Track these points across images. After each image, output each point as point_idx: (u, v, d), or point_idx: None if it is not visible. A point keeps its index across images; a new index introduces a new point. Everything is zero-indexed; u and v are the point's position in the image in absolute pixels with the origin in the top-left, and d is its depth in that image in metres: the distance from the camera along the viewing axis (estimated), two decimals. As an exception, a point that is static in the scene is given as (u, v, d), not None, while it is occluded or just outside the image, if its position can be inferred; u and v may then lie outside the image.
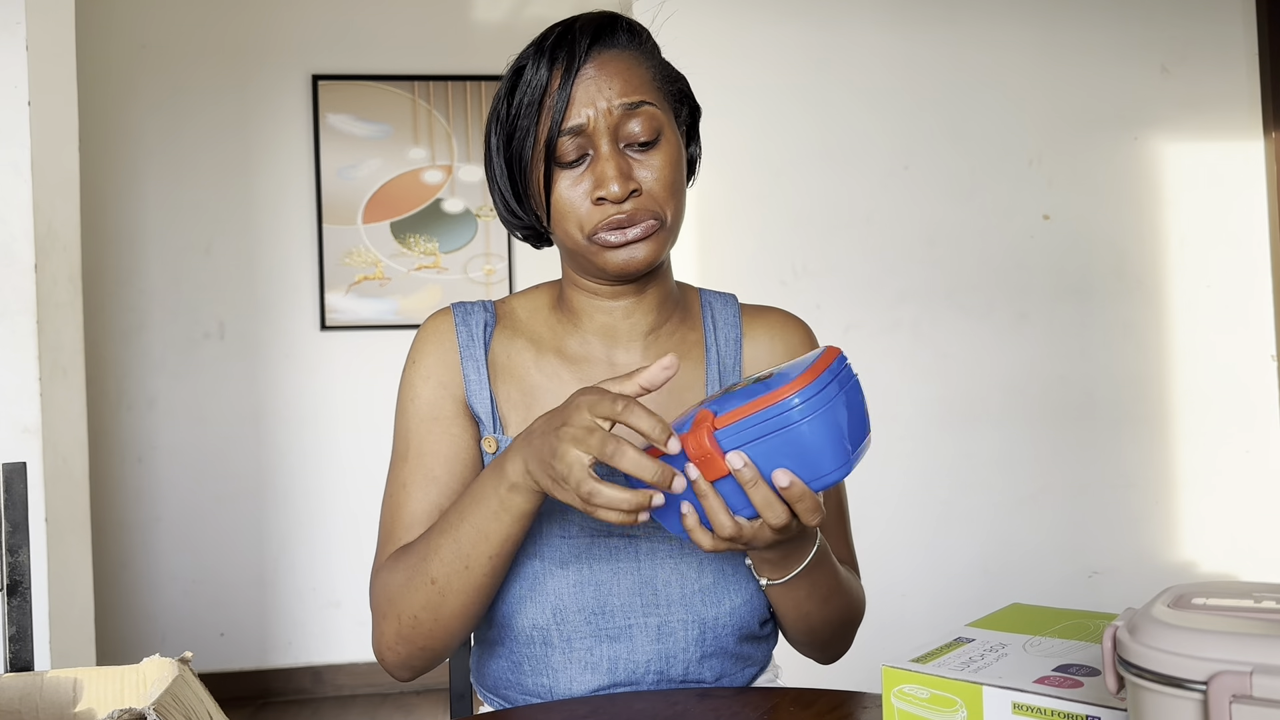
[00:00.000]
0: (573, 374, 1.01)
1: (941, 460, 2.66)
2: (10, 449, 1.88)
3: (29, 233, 1.91)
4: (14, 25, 1.91)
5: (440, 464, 0.98)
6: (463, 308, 1.03)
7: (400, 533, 0.97)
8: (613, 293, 0.99)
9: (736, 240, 2.58)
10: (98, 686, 0.77)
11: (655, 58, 0.98)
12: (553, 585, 0.95)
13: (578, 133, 0.91)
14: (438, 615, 0.90)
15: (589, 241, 0.92)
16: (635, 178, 0.91)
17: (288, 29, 3.37)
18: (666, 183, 0.93)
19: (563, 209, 0.93)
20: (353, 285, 3.37)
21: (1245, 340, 2.74)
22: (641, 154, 0.92)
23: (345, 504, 3.34)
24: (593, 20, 0.94)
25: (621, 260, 0.92)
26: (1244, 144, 2.75)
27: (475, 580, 0.88)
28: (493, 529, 0.86)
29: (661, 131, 0.93)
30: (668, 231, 0.94)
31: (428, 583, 0.89)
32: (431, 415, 0.99)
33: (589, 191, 0.91)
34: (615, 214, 0.91)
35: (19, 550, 1.08)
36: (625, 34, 0.96)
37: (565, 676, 0.96)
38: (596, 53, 0.93)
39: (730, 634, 0.98)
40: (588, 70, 0.92)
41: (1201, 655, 0.48)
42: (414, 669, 0.96)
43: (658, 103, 0.94)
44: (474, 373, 1.00)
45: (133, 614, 3.28)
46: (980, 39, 2.67)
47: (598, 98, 0.91)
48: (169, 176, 3.33)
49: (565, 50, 0.92)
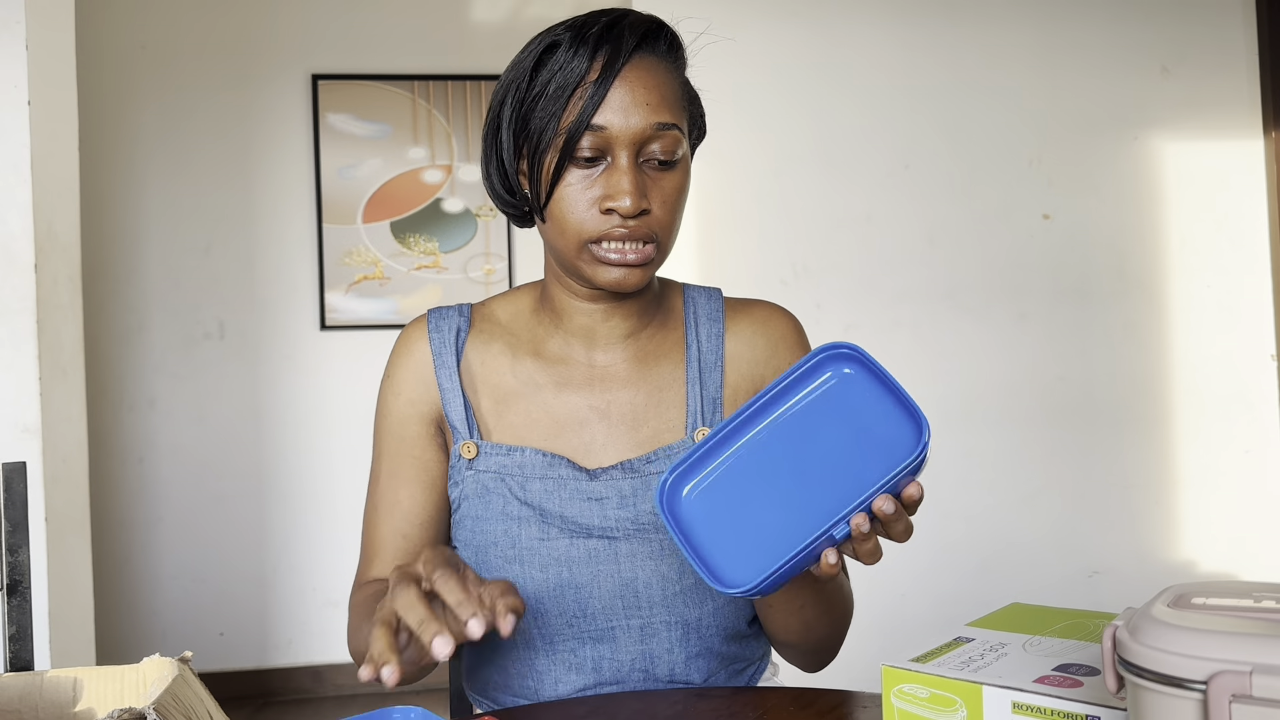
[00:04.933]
0: (550, 375, 1.00)
1: (941, 460, 2.65)
2: (10, 449, 1.88)
3: (29, 233, 1.91)
4: (14, 25, 1.91)
5: (404, 487, 1.01)
6: (437, 314, 1.04)
7: (370, 555, 1.02)
8: (593, 295, 0.98)
9: (736, 240, 2.58)
10: (98, 686, 0.77)
11: (683, 74, 0.97)
12: (532, 589, 0.94)
13: (603, 134, 0.88)
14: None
15: (585, 247, 0.91)
16: (648, 196, 0.90)
17: (288, 29, 3.37)
18: (673, 207, 0.92)
19: (565, 207, 0.91)
20: (353, 285, 3.37)
21: (1245, 340, 2.74)
22: (657, 173, 0.91)
23: (345, 503, 3.33)
24: (642, 21, 0.92)
25: (613, 279, 0.91)
26: (1244, 144, 2.75)
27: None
28: None
29: (679, 155, 0.92)
30: (661, 254, 0.93)
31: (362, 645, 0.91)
32: (399, 435, 1.02)
33: (598, 198, 0.89)
34: (619, 227, 0.89)
35: (19, 550, 1.08)
36: (666, 44, 0.94)
37: (550, 678, 0.96)
38: (639, 57, 0.90)
39: (715, 634, 0.97)
40: (629, 73, 0.89)
41: (1201, 655, 0.48)
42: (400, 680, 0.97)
43: (682, 125, 0.93)
44: (447, 380, 1.00)
45: (133, 614, 3.28)
46: (980, 39, 2.67)
47: (633, 107, 0.89)
48: (169, 176, 3.33)
49: (610, 45, 0.89)
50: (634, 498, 0.96)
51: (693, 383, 1.01)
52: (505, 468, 0.98)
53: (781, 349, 1.05)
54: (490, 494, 0.97)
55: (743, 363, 1.03)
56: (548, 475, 0.97)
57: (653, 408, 1.00)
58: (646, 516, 0.96)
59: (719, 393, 1.01)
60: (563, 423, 0.99)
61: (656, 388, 1.01)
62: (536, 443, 0.99)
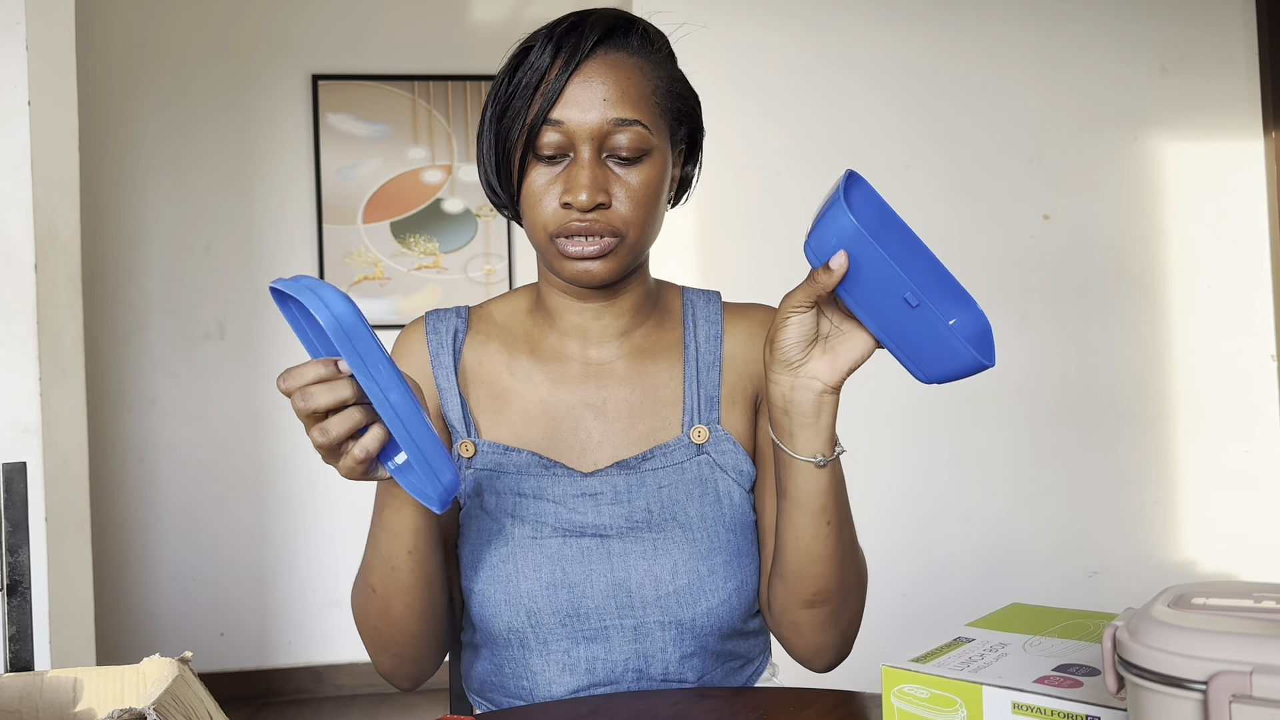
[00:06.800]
0: (546, 374, 1.01)
1: (942, 460, 2.66)
2: (10, 449, 1.88)
3: (29, 233, 1.91)
4: (14, 25, 1.91)
5: None
6: (435, 316, 1.04)
7: None
8: (582, 294, 0.99)
9: (736, 240, 2.58)
10: (98, 686, 0.77)
11: (665, 69, 0.96)
12: (525, 588, 0.94)
13: (560, 129, 0.90)
14: (389, 620, 0.92)
15: (551, 241, 0.92)
16: (608, 190, 0.91)
17: (288, 29, 3.37)
18: (638, 201, 0.92)
19: (530, 201, 0.93)
20: (353, 285, 3.37)
21: (1245, 340, 2.74)
22: (621, 168, 0.92)
23: (345, 504, 3.33)
24: (606, 17, 0.93)
25: (576, 271, 0.93)
26: (1244, 144, 2.75)
27: (405, 579, 0.90)
28: (395, 524, 0.88)
29: (648, 150, 0.92)
30: (628, 249, 0.93)
31: (371, 592, 0.92)
32: None
33: (559, 193, 0.91)
34: (576, 221, 0.90)
35: (19, 550, 1.08)
36: (638, 38, 0.94)
37: (544, 678, 0.96)
38: (602, 52, 0.91)
39: (711, 634, 0.96)
40: (588, 69, 0.90)
41: (1201, 655, 0.48)
42: (407, 677, 0.98)
43: (650, 121, 0.92)
44: (445, 381, 1.01)
45: (133, 614, 3.28)
46: (980, 39, 2.67)
47: (591, 101, 0.90)
48: (169, 176, 3.33)
49: (571, 41, 0.90)
50: (628, 494, 0.96)
51: (690, 381, 1.01)
52: (502, 466, 0.98)
53: None
54: (486, 492, 0.98)
55: (740, 363, 1.03)
56: (543, 473, 0.97)
57: (649, 405, 1.00)
58: (640, 514, 0.96)
59: (716, 391, 1.01)
60: (559, 419, 0.99)
61: (653, 386, 1.01)
62: (533, 440, 0.99)
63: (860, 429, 2.57)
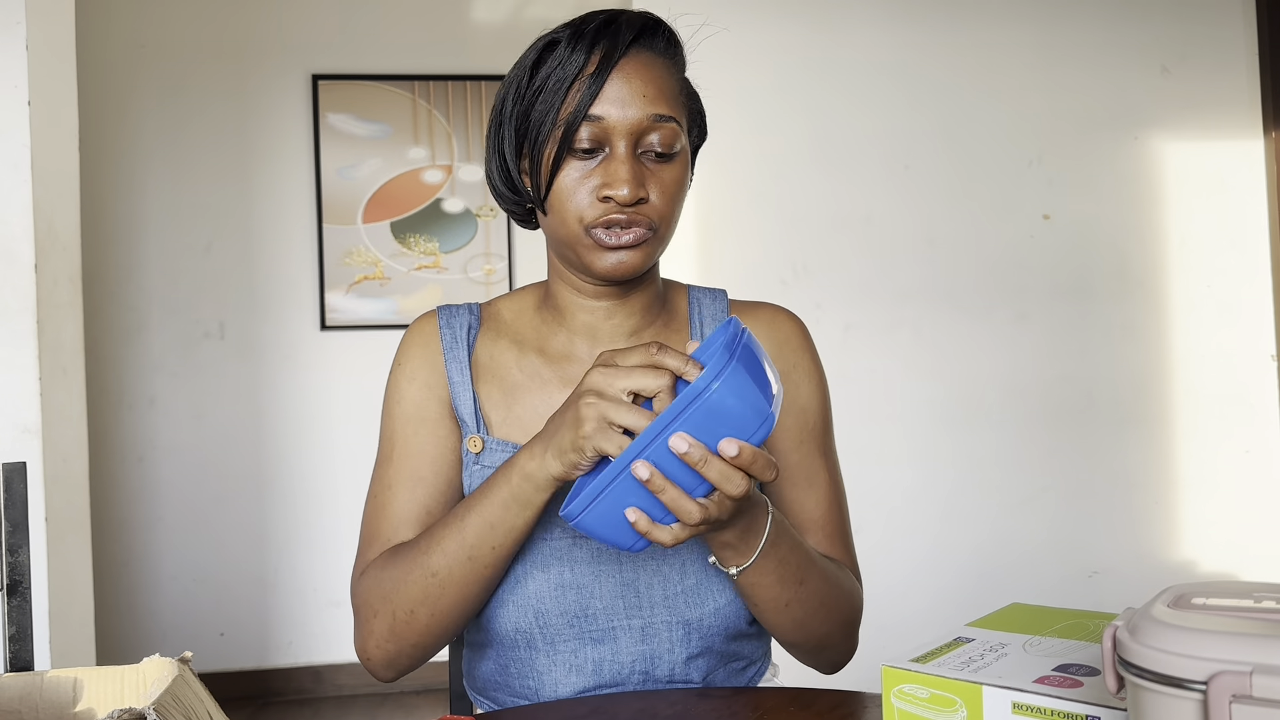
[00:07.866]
0: (554, 372, 1.01)
1: (941, 460, 2.66)
2: (10, 449, 1.88)
3: (29, 233, 1.91)
4: (14, 25, 1.91)
5: (426, 464, 0.99)
6: (448, 310, 1.04)
7: (387, 532, 0.98)
8: (596, 292, 0.99)
9: (736, 240, 2.58)
10: (98, 686, 0.77)
11: (683, 72, 0.98)
12: (534, 588, 0.94)
13: (600, 124, 0.90)
14: (434, 609, 0.91)
15: (586, 233, 0.92)
16: (645, 185, 0.92)
17: (288, 29, 3.37)
18: (671, 197, 0.94)
19: (564, 196, 0.92)
20: (353, 285, 3.37)
21: (1245, 340, 2.74)
22: (655, 164, 0.93)
23: (345, 503, 3.33)
24: (639, 18, 0.95)
25: (611, 263, 0.93)
26: (1244, 144, 2.75)
27: (477, 571, 0.89)
28: (500, 518, 0.87)
29: (678, 148, 0.94)
30: (659, 241, 0.94)
31: (427, 576, 0.90)
32: (418, 416, 1.00)
33: (596, 187, 0.91)
34: (615, 214, 0.91)
35: (19, 550, 1.08)
36: (664, 40, 0.96)
37: (550, 679, 0.96)
38: (636, 51, 0.93)
39: (717, 634, 0.97)
40: (625, 66, 0.91)
41: (1201, 655, 0.48)
42: (398, 668, 0.96)
43: (680, 119, 0.94)
44: (458, 374, 1.00)
45: (133, 614, 3.28)
46: (980, 39, 2.67)
47: (629, 98, 0.91)
48: (169, 176, 3.33)
49: (608, 39, 0.92)
50: None
51: None
52: None
53: (786, 350, 1.05)
54: None
55: None
56: None
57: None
58: None
59: None
60: None
61: None
62: None
63: (862, 430, 2.57)
